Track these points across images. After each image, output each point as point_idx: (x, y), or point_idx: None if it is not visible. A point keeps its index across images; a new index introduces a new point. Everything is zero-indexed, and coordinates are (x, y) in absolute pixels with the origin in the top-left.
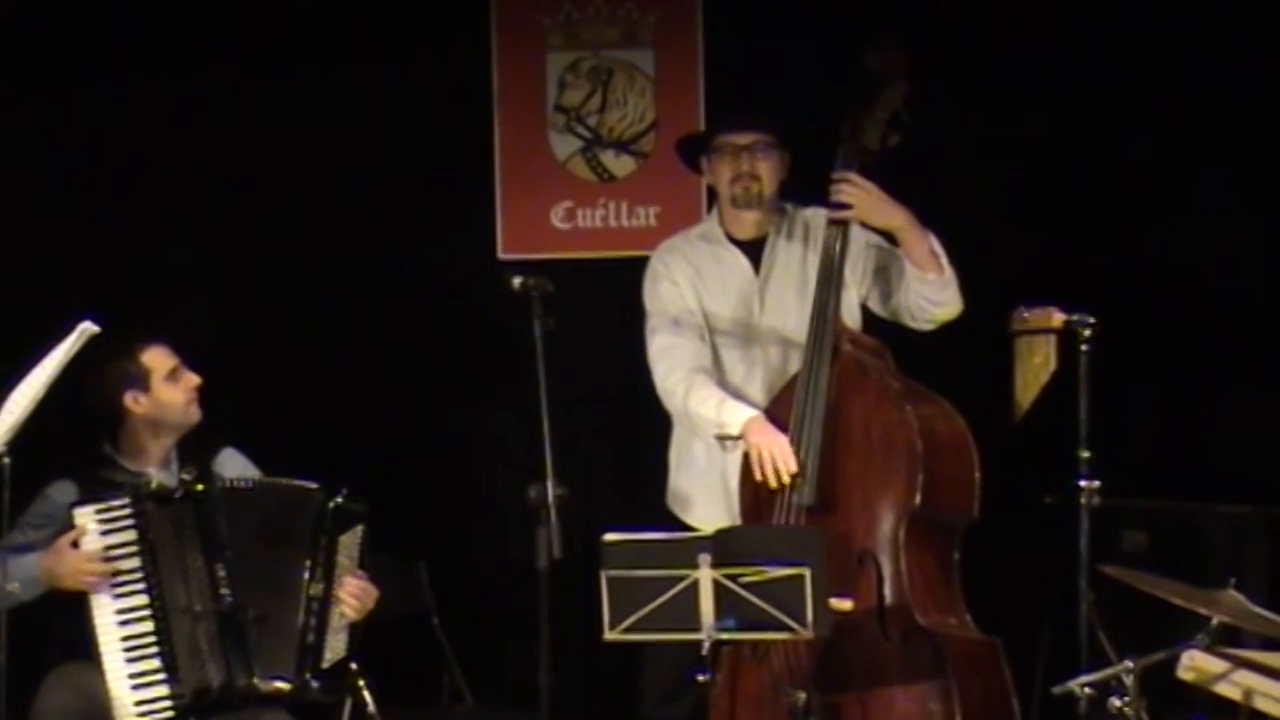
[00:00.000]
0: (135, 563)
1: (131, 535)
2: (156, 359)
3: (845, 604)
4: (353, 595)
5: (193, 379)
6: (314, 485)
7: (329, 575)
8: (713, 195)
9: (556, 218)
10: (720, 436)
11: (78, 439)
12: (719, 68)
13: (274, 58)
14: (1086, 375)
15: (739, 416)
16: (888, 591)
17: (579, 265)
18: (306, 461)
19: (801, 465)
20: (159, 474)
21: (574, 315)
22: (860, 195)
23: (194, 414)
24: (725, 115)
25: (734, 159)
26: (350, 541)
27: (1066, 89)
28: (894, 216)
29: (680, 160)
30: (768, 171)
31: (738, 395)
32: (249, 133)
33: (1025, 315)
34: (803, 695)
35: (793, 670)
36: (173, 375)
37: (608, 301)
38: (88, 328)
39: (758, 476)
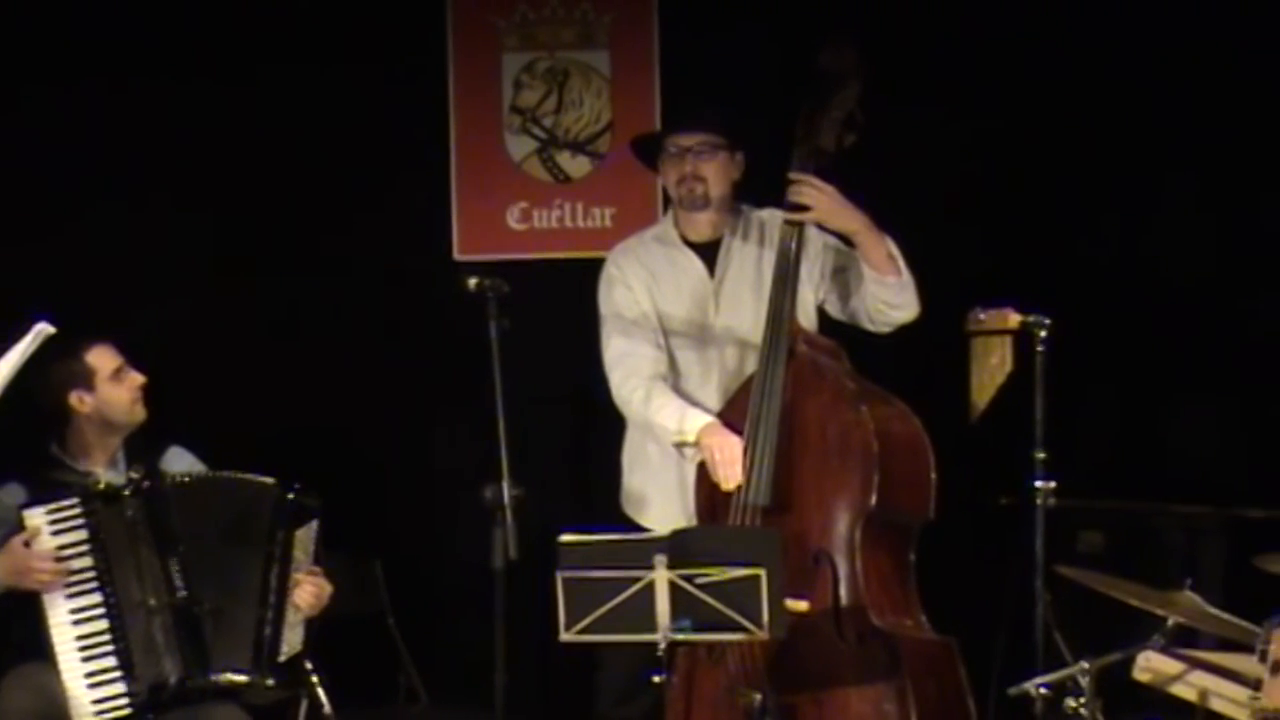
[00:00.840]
0: (87, 561)
1: (82, 534)
2: (101, 358)
3: (801, 605)
4: (308, 589)
5: (137, 378)
6: (270, 480)
7: (285, 569)
8: (669, 197)
9: (512, 219)
10: (679, 444)
11: (23, 440)
12: (675, 69)
13: (230, 59)
14: (1042, 376)
15: (695, 424)
16: (843, 592)
17: (535, 266)
18: (262, 461)
19: (757, 466)
20: (107, 473)
21: (529, 316)
22: (817, 197)
23: (139, 413)
24: (673, 117)
25: (679, 161)
26: (306, 537)
27: (1023, 89)
28: (851, 219)
29: (639, 160)
30: (713, 173)
31: (693, 397)
32: (205, 134)
33: (981, 316)
34: (758, 696)
35: (748, 671)
36: (117, 375)
37: (563, 302)
38: (44, 329)
39: (714, 477)
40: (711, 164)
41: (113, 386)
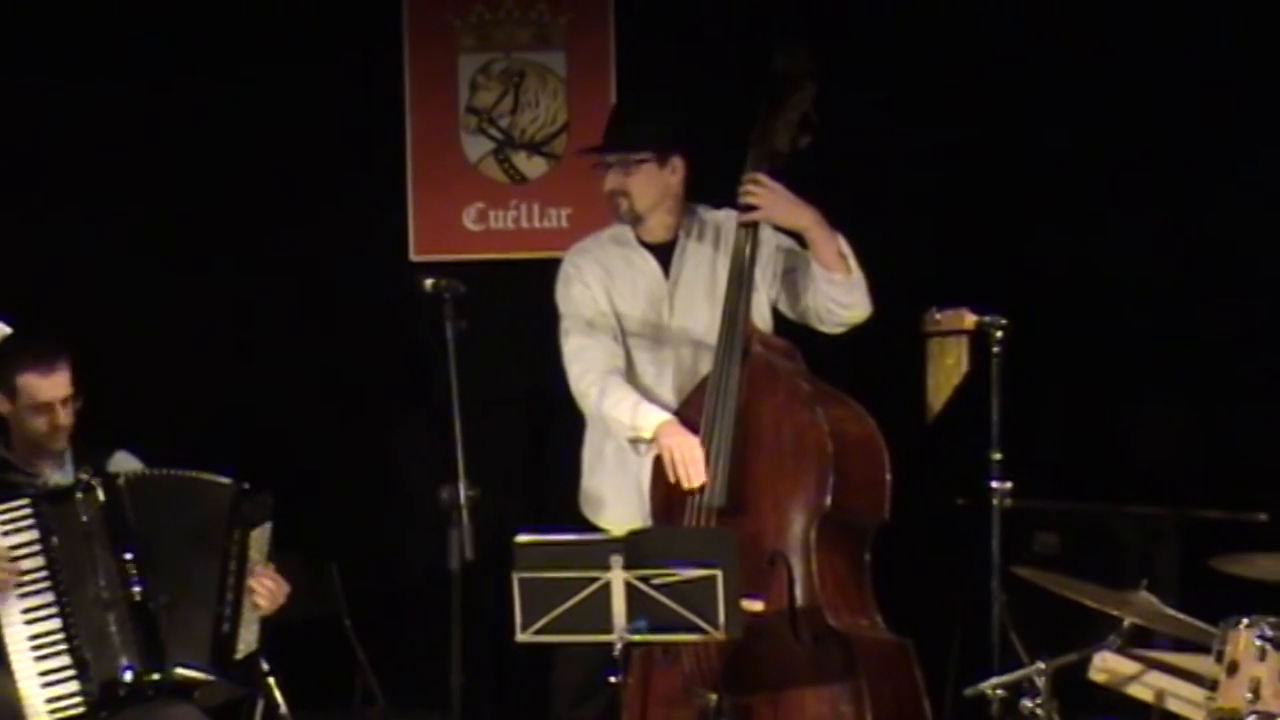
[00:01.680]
0: (39, 561)
1: (33, 535)
2: (33, 387)
3: (756, 605)
4: (265, 587)
5: (61, 419)
6: (225, 479)
7: (241, 568)
8: None
9: (468, 219)
10: (633, 439)
11: None
12: (631, 70)
13: (186, 57)
14: (998, 377)
15: (651, 420)
16: (799, 593)
17: (491, 266)
18: (217, 461)
19: (712, 467)
20: (55, 474)
21: (486, 316)
22: (767, 196)
23: (56, 443)
24: (603, 136)
25: (605, 176)
26: (261, 537)
27: (978, 90)
28: (801, 217)
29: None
30: (638, 187)
31: (650, 397)
32: (161, 131)
33: (937, 316)
34: (713, 697)
35: (704, 672)
36: (41, 408)
37: (520, 303)
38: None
39: (671, 479)
40: (634, 178)
41: (31, 414)
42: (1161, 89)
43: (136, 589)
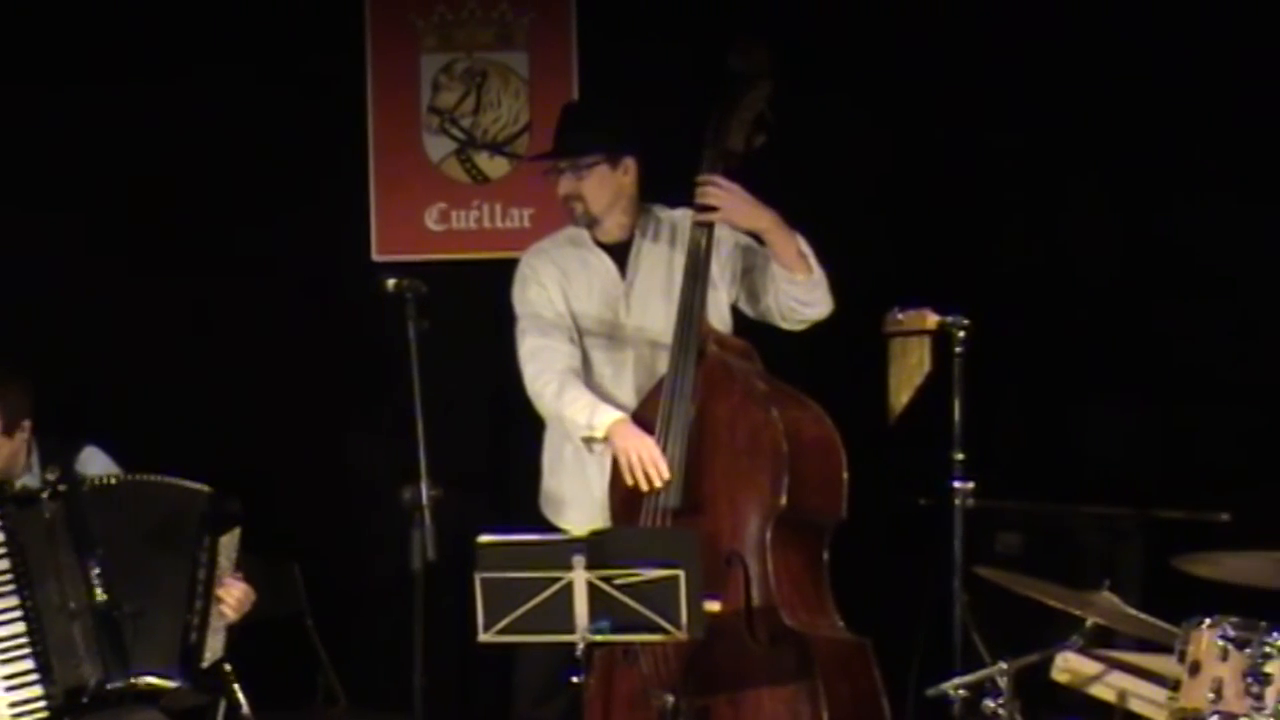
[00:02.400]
0: (4, 565)
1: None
2: None
3: (713, 605)
4: (233, 596)
5: (3, 446)
6: (198, 485)
7: (210, 575)
8: None
9: (430, 219)
10: (588, 439)
11: None
12: (593, 70)
13: (148, 56)
14: (960, 377)
15: (606, 419)
16: (755, 593)
17: (453, 267)
18: (179, 463)
19: (668, 467)
20: (23, 476)
21: (448, 317)
22: (724, 197)
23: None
24: (553, 142)
25: (558, 181)
26: (230, 543)
27: (935, 89)
28: (760, 218)
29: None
30: (591, 189)
31: (608, 397)
32: (123, 132)
33: (899, 317)
34: (671, 698)
35: (661, 673)
36: None
37: (482, 303)
38: None
39: (628, 480)
40: (586, 181)
41: None
42: (1119, 90)
43: (102, 595)
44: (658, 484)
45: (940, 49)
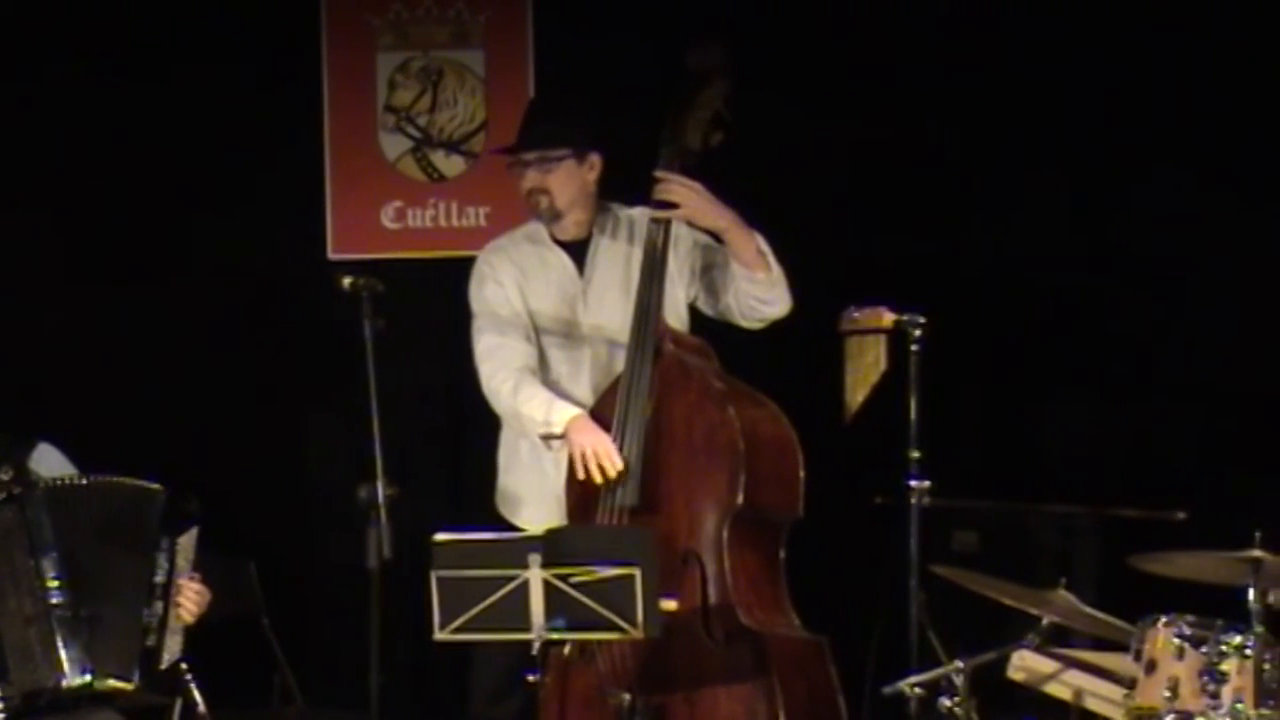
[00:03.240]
0: None
1: None
2: None
3: (670, 604)
4: (190, 598)
5: None
6: (155, 485)
7: (169, 576)
8: None
9: (386, 218)
10: (545, 436)
11: None
12: (549, 68)
13: (100, 56)
14: (916, 375)
15: (563, 415)
16: (711, 591)
17: (409, 265)
18: (134, 461)
19: (625, 465)
20: None
21: (404, 315)
22: (684, 194)
23: None
24: (519, 134)
25: (524, 175)
26: (188, 544)
27: (893, 88)
28: (718, 216)
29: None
30: (557, 184)
31: (565, 395)
32: (78, 130)
33: (855, 315)
34: (627, 697)
35: (617, 672)
36: None
37: (438, 301)
38: None
39: (580, 475)
40: (553, 175)
41: None
42: (1076, 89)
43: (58, 598)
44: (611, 475)
45: (897, 47)
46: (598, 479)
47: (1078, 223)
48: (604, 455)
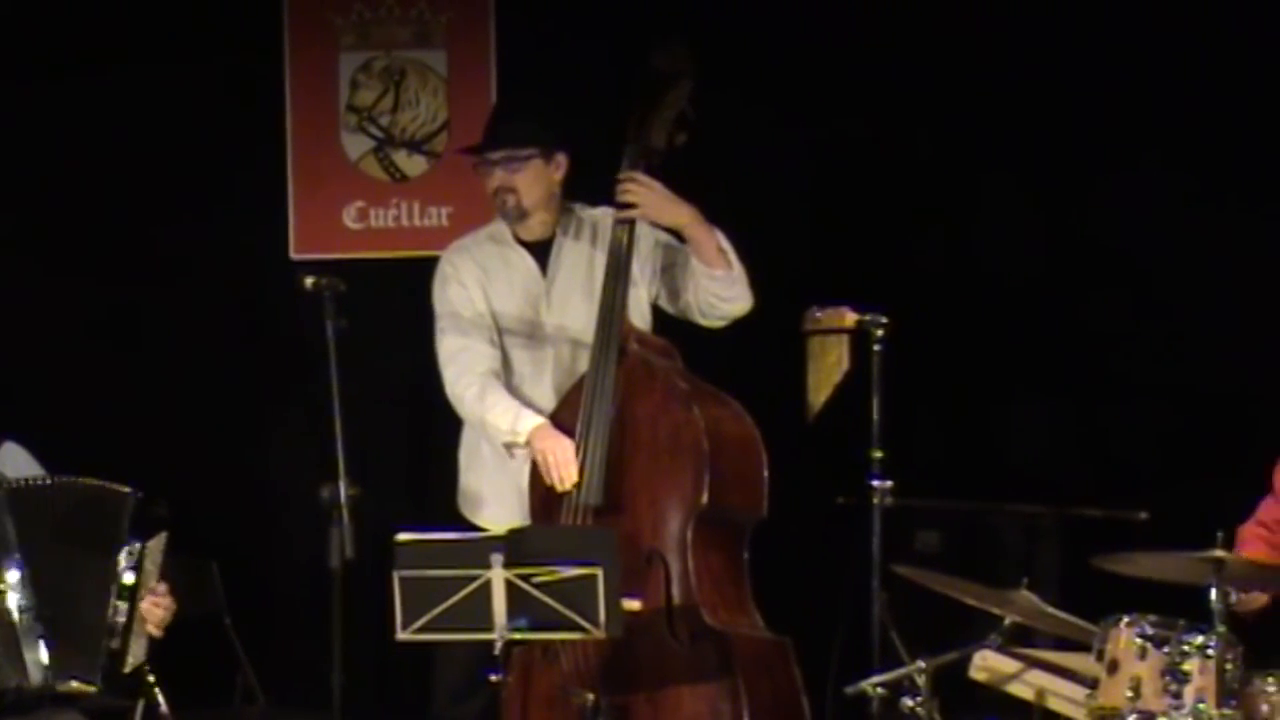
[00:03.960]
0: None
1: None
2: None
3: (633, 604)
4: (158, 611)
5: None
6: (124, 488)
7: (137, 580)
8: None
9: (349, 218)
10: (509, 444)
11: None
12: (511, 68)
13: (62, 55)
14: (879, 375)
15: (528, 425)
16: (676, 591)
17: (371, 265)
18: (97, 461)
19: (589, 466)
20: None
21: (366, 315)
22: (643, 194)
23: None
24: (485, 134)
25: (490, 174)
26: (156, 547)
27: (855, 88)
28: (679, 213)
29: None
30: (524, 183)
31: (527, 396)
32: (40, 131)
33: (818, 315)
34: (590, 696)
35: (581, 671)
36: None
37: (400, 301)
38: None
39: (546, 481)
40: (521, 174)
41: None
42: (1038, 89)
43: (22, 599)
44: (566, 486)
45: (858, 48)
46: (558, 488)
47: (1039, 223)
48: (563, 465)
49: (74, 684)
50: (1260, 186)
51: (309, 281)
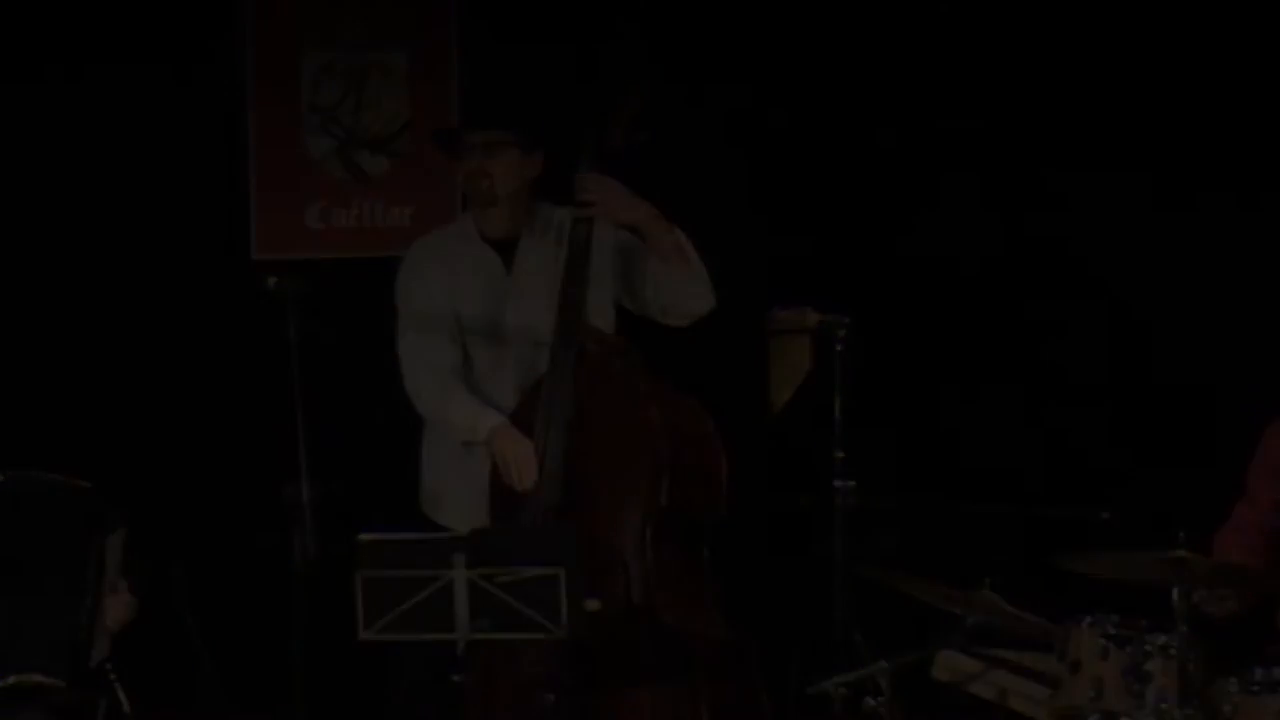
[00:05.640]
0: None
1: None
2: None
3: (593, 604)
4: (119, 608)
5: None
6: (83, 484)
7: (100, 575)
8: (467, 195)
9: (311, 217)
10: (468, 442)
11: None
12: (473, 68)
13: (24, 55)
14: (841, 375)
15: (488, 424)
16: (635, 591)
17: (334, 265)
18: (61, 462)
19: (548, 466)
20: None
21: (329, 315)
22: (600, 193)
23: None
24: (469, 113)
25: (469, 156)
26: (116, 543)
27: (812, 86)
28: (636, 212)
29: (442, 154)
30: (500, 170)
31: (489, 394)
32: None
33: (780, 315)
34: (551, 697)
35: (543, 671)
36: None
37: (363, 301)
38: None
39: (506, 481)
40: (499, 161)
41: None
42: (992, 88)
43: None
44: (525, 486)
45: (817, 45)
46: (517, 488)
47: (997, 220)
48: (522, 465)
49: (37, 677)
50: (1222, 181)
51: (272, 282)
